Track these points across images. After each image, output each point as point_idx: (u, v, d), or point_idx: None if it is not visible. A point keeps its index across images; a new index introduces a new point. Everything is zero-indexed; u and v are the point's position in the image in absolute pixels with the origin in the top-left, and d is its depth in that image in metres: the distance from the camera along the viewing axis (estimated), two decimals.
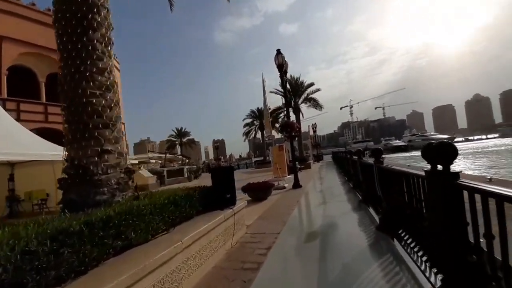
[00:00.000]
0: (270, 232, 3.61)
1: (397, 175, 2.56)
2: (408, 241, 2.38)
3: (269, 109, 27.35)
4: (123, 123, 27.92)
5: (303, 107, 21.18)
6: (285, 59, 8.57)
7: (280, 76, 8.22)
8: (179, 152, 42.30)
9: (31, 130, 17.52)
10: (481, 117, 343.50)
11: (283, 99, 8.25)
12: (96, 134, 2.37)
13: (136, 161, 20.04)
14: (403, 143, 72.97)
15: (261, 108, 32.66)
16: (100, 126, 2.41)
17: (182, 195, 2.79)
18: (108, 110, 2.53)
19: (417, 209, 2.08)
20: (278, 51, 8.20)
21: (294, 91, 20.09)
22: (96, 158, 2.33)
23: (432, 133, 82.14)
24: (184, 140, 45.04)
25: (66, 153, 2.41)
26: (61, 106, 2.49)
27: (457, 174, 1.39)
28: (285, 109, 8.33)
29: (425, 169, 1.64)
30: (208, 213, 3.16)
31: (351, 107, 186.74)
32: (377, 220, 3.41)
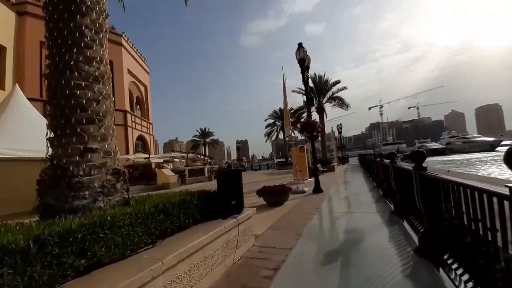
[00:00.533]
0: (281, 247, 3.11)
1: (450, 187, 1.87)
2: (459, 272, 1.78)
3: (291, 109, 26.58)
4: (151, 123, 29.20)
5: (328, 106, 20.07)
6: (307, 54, 7.96)
7: (301, 72, 7.63)
8: (202, 152, 43.28)
9: None
10: None
11: (305, 97, 7.59)
12: (78, 130, 2.11)
13: (161, 160, 20.71)
14: (440, 146, 66.55)
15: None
16: (84, 121, 2.15)
17: (176, 202, 2.42)
18: (95, 104, 2.26)
19: (482, 237, 1.45)
20: (300, 45, 7.62)
21: (318, 89, 19.03)
22: (78, 158, 2.07)
23: (475, 135, 73.77)
24: (208, 140, 45.99)
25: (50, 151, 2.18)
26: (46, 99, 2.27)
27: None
28: (306, 108, 7.67)
29: (509, 185, 1.05)
30: (208, 223, 2.77)
31: (381, 106, 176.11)
32: (416, 241, 2.75)
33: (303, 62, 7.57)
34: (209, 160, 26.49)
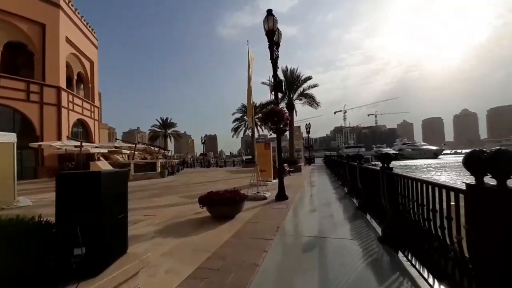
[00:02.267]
0: None
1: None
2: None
3: (259, 105, 25.01)
4: (97, 107, 24.90)
5: (298, 104, 19.06)
6: (278, 28, 6.38)
7: (269, 47, 6.01)
8: (162, 144, 39.49)
9: None
10: (468, 131, 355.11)
11: (272, 79, 6.00)
12: None
13: (105, 150, 17.35)
14: (393, 151, 72.61)
15: (253, 102, 30.46)
16: None
17: None
18: None
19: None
20: (269, 12, 6.00)
21: (289, 84, 17.83)
22: None
23: (422, 143, 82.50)
24: (169, 131, 42.16)
25: None
26: None
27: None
28: (274, 94, 6.08)
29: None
30: None
31: (345, 112, 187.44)
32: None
33: (272, 35, 5.97)
34: (165, 153, 23.61)
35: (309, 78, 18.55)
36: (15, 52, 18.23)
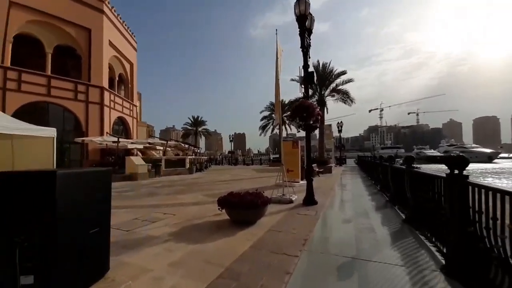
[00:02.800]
0: None
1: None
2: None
3: (286, 102, 23.72)
4: (135, 105, 26.70)
5: (329, 100, 17.79)
6: (312, 17, 5.72)
7: (300, 34, 5.40)
8: (193, 141, 40.98)
9: (31, 102, 16.59)
10: None
11: (301, 72, 5.37)
12: None
13: (139, 146, 18.40)
14: (438, 154, 65.16)
15: (282, 100, 29.69)
16: None
17: None
18: None
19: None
20: None
21: (320, 79, 16.68)
22: None
23: (473, 145, 72.45)
24: (200, 129, 43.58)
25: None
26: None
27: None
28: (303, 86, 5.46)
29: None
30: None
31: (381, 110, 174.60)
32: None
33: (304, 20, 5.34)
34: (195, 150, 24.27)
35: (343, 72, 17.16)
36: (64, 56, 20.31)
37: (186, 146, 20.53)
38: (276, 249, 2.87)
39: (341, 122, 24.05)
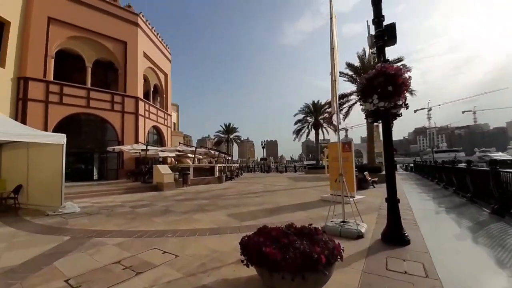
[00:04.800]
0: None
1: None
2: None
3: (328, 102, 21.05)
4: (169, 115, 27.05)
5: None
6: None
7: None
8: (225, 149, 40.52)
9: (72, 114, 17.39)
10: None
11: (371, 30, 3.30)
12: None
13: (173, 154, 17.90)
14: (508, 157, 53.86)
15: (318, 101, 27.07)
16: None
17: None
18: None
19: None
20: None
21: (366, 71, 14.10)
22: None
23: None
24: (232, 136, 43.09)
25: None
26: None
27: None
28: (376, 48, 3.38)
29: None
30: None
31: (429, 110, 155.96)
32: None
33: None
34: (226, 157, 23.20)
35: (399, 59, 14.08)
36: (103, 68, 21.34)
37: (217, 153, 19.48)
38: None
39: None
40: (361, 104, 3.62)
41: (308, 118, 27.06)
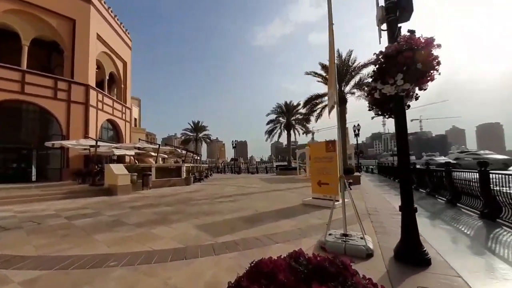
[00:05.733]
0: None
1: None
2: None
3: (310, 98, 20.88)
4: (129, 108, 24.19)
5: (351, 98, 14.92)
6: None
7: None
8: (193, 149, 38.27)
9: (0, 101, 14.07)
10: None
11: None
12: None
13: (130, 151, 15.63)
14: (449, 161, 61.88)
15: (291, 102, 26.90)
16: None
17: None
18: None
19: None
20: None
21: (340, 73, 14.01)
22: None
23: (487, 151, 69.29)
24: (201, 135, 40.92)
25: None
26: None
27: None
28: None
29: None
30: None
31: (385, 117, 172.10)
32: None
33: None
34: (195, 157, 21.52)
35: (368, 64, 14.44)
36: (47, 51, 17.97)
37: (184, 152, 17.79)
38: None
39: (358, 125, 21.32)
40: (368, 92, 2.87)
41: (280, 118, 26.78)
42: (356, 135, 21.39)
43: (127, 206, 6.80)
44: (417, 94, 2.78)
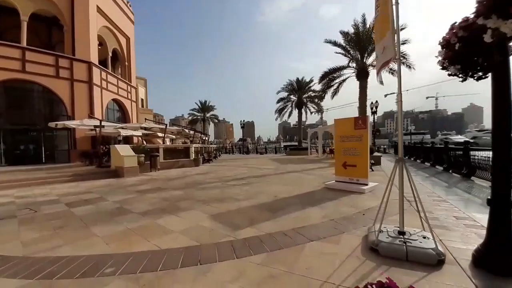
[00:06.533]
0: None
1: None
2: None
3: (331, 69, 19.07)
4: (134, 87, 23.42)
5: (373, 70, 13.45)
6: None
7: None
8: (205, 130, 37.75)
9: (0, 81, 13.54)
10: None
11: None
12: None
13: (137, 132, 15.14)
14: (466, 139, 59.28)
15: (303, 78, 25.29)
16: None
17: None
18: None
19: None
20: None
21: (363, 43, 12.47)
22: None
23: None
24: (208, 115, 40.11)
25: None
26: None
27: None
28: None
29: None
30: None
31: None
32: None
33: None
34: (203, 137, 20.98)
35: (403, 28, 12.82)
36: (47, 26, 17.02)
37: (192, 132, 17.19)
38: None
39: (376, 101, 19.88)
40: (446, 43, 1.93)
41: (291, 96, 25.46)
42: (373, 113, 20.07)
43: (133, 190, 6.32)
44: None
